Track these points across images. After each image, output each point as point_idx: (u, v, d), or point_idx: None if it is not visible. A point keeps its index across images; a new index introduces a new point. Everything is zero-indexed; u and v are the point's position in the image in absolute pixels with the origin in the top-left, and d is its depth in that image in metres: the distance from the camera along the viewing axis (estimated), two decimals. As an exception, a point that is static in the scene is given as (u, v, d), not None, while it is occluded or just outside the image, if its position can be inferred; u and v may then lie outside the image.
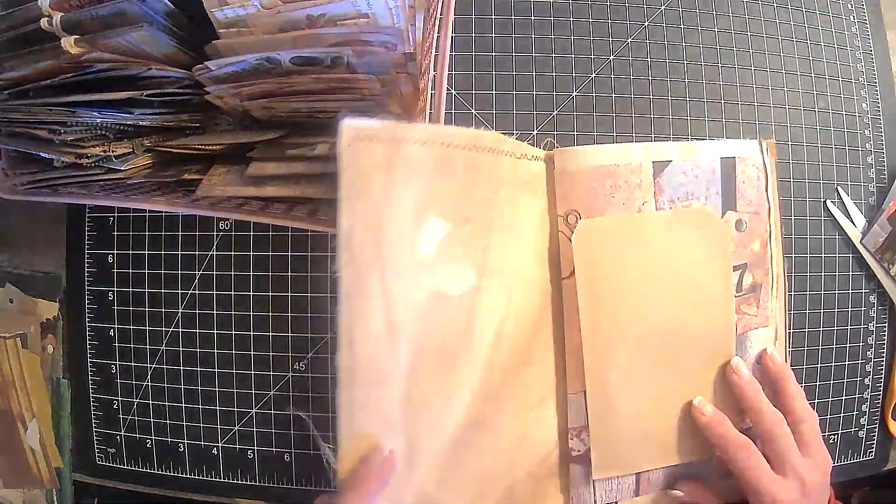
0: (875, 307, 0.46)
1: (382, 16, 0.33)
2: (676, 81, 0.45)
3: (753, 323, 0.41)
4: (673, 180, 0.40)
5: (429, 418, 0.35)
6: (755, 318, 0.41)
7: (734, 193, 0.41)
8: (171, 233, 0.44)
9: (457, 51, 0.43)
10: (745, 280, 0.41)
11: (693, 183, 0.40)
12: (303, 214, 0.37)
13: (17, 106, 0.34)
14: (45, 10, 0.33)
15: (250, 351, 0.43)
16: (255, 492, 0.44)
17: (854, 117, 0.47)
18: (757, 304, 0.41)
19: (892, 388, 0.46)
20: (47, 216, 0.46)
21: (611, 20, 0.45)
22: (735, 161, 0.41)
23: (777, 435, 0.35)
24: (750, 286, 0.41)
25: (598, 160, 0.39)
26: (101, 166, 0.36)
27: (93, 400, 0.45)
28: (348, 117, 0.32)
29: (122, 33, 0.31)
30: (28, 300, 0.46)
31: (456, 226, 0.35)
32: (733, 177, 0.41)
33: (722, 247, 0.39)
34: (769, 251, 0.41)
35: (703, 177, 0.40)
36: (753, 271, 0.41)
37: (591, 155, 0.39)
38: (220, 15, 0.33)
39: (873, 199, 0.47)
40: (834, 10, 0.48)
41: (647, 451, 0.38)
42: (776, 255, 0.41)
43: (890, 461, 0.47)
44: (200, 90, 0.36)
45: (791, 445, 0.35)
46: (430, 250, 0.34)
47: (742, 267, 0.41)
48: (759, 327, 0.41)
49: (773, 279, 0.41)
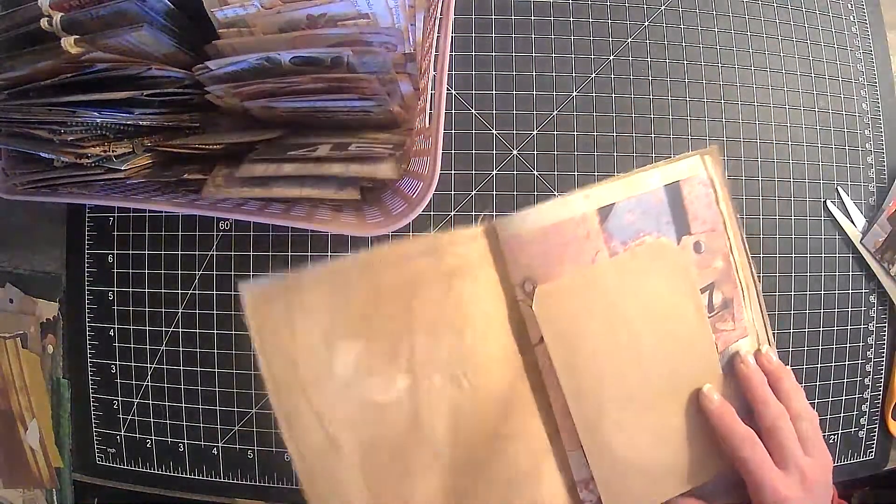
0: (875, 307, 0.46)
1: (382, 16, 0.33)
2: (676, 81, 0.45)
3: (733, 337, 0.41)
4: (620, 222, 0.39)
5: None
6: (733, 332, 0.41)
7: (686, 217, 0.40)
8: (171, 233, 0.44)
9: (457, 51, 0.43)
10: (714, 299, 0.40)
11: (641, 219, 0.39)
12: (302, 214, 0.37)
13: (17, 106, 0.34)
14: (45, 10, 0.33)
15: (250, 351, 0.43)
16: (255, 492, 0.44)
17: (854, 117, 0.47)
18: (732, 318, 0.41)
19: (892, 388, 0.46)
20: (47, 216, 0.46)
21: (611, 20, 0.45)
22: (679, 185, 0.40)
23: (780, 428, 0.35)
24: (721, 303, 0.41)
25: (540, 221, 0.39)
26: (101, 166, 0.36)
27: (93, 400, 0.45)
28: (242, 283, 0.35)
29: (122, 33, 0.31)
30: (28, 300, 0.46)
31: (369, 340, 0.37)
32: (681, 201, 0.40)
33: (683, 273, 0.39)
34: (733, 264, 0.41)
35: (651, 210, 0.40)
36: (721, 288, 0.41)
37: (531, 218, 0.39)
38: (220, 15, 0.33)
39: (873, 199, 0.47)
40: (834, 10, 0.48)
41: (657, 486, 0.39)
42: (741, 264, 0.41)
43: (890, 461, 0.47)
44: (200, 90, 0.36)
45: (794, 440, 0.35)
46: (348, 369, 0.36)
47: (709, 287, 0.40)
48: (739, 339, 0.41)
49: (742, 290, 0.41)
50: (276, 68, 0.34)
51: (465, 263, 0.38)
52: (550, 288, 0.38)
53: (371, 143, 0.37)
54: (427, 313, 0.37)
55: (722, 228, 0.41)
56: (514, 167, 0.43)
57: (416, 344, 0.37)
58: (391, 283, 0.37)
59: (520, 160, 0.43)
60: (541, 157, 0.43)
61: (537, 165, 0.43)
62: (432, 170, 0.34)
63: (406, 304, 0.37)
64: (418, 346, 0.37)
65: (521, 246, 0.39)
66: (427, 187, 0.34)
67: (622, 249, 0.39)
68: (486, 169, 0.43)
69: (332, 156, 0.35)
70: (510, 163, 0.43)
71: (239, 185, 0.36)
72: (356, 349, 0.37)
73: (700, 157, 0.41)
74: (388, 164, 0.36)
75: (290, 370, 0.36)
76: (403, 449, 0.37)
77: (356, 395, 0.37)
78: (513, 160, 0.43)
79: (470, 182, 0.43)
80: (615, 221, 0.39)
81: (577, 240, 0.39)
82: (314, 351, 0.36)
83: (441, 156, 0.34)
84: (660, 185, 0.40)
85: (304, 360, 0.36)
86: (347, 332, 0.37)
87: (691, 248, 0.40)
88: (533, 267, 0.39)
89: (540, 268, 0.39)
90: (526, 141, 0.43)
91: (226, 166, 0.37)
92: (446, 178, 0.42)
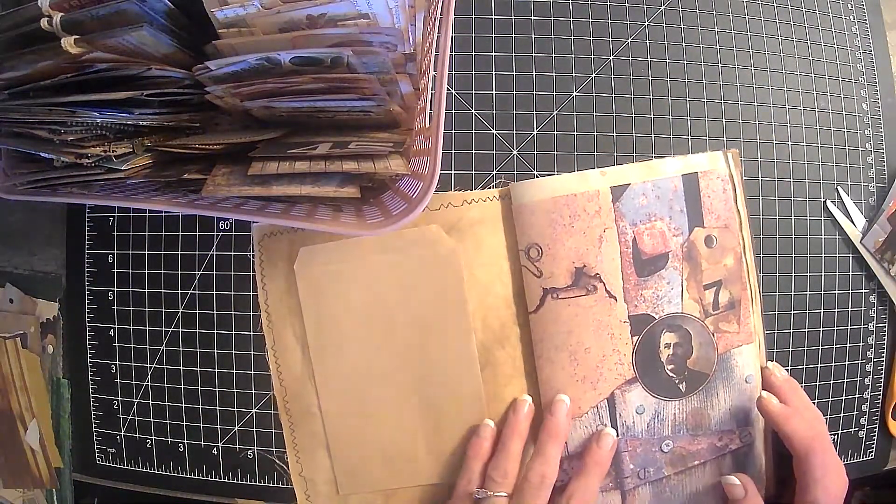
0: (875, 307, 0.46)
1: (382, 16, 0.33)
2: (676, 81, 0.45)
3: (736, 340, 0.41)
4: (633, 203, 0.40)
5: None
6: (737, 336, 0.41)
7: (700, 209, 0.40)
8: (171, 233, 0.44)
9: (457, 51, 0.43)
10: (720, 297, 0.40)
11: (655, 204, 0.40)
12: (302, 214, 0.37)
13: (17, 106, 0.34)
14: (45, 10, 0.33)
15: (250, 351, 0.43)
16: (255, 492, 0.44)
17: (854, 117, 0.47)
18: (737, 320, 0.41)
19: (892, 388, 0.46)
20: (47, 216, 0.46)
21: (611, 20, 0.45)
22: (698, 176, 0.40)
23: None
24: (727, 303, 0.40)
25: (555, 191, 0.39)
26: (101, 166, 0.36)
27: (93, 400, 0.45)
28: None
29: (122, 33, 0.31)
30: (28, 300, 0.46)
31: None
32: (697, 192, 0.40)
33: (452, 267, 0.40)
34: (744, 265, 0.41)
35: (665, 196, 0.40)
36: (729, 287, 0.41)
37: (547, 186, 0.39)
38: (220, 15, 0.33)
39: (873, 199, 0.47)
40: (834, 10, 0.48)
41: (390, 473, 0.41)
42: (752, 267, 0.41)
43: (890, 461, 0.47)
44: (200, 90, 0.36)
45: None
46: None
47: (716, 284, 0.40)
48: (742, 344, 0.41)
49: (752, 293, 0.41)
50: (276, 68, 0.34)
51: (480, 220, 0.40)
52: (314, 248, 0.41)
53: (371, 143, 0.37)
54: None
55: (737, 227, 0.41)
56: (514, 167, 0.43)
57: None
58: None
59: (520, 160, 0.43)
60: (541, 157, 0.43)
61: (537, 165, 0.43)
62: (432, 170, 0.34)
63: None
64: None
65: (532, 213, 0.39)
66: (427, 187, 0.34)
67: (631, 231, 0.39)
68: (486, 169, 0.43)
69: (341, 153, 0.35)
70: (510, 163, 0.43)
71: (239, 183, 0.36)
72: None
73: (723, 153, 0.41)
74: (397, 160, 0.36)
75: (283, 305, 0.41)
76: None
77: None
78: (513, 160, 0.43)
79: (470, 182, 0.43)
80: (628, 202, 0.39)
81: (588, 214, 0.39)
82: (307, 290, 0.40)
83: (441, 156, 0.34)
84: (677, 174, 0.40)
85: (294, 296, 0.40)
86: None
87: (703, 241, 0.40)
88: (541, 234, 0.39)
89: (547, 235, 0.39)
90: (526, 141, 0.43)
91: (226, 166, 0.37)
92: (446, 178, 0.42)
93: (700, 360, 0.40)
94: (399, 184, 0.40)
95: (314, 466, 0.42)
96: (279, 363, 0.42)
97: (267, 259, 0.41)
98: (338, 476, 0.42)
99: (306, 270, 0.40)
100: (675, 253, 0.40)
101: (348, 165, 0.36)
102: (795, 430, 0.37)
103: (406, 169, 0.36)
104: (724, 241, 0.40)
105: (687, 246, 0.40)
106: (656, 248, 0.40)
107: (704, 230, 0.40)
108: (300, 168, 0.35)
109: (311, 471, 0.42)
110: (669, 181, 0.40)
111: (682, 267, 0.40)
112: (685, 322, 0.40)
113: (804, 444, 0.36)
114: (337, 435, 0.41)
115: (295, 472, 0.43)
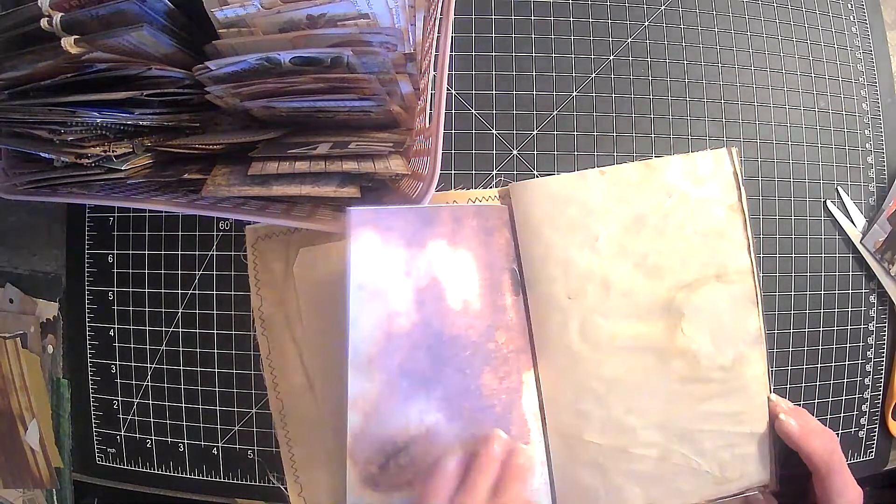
0: (875, 307, 0.46)
1: (382, 16, 0.33)
2: (676, 81, 0.45)
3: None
4: None
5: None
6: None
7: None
8: (171, 233, 0.44)
9: (457, 51, 0.43)
10: None
11: None
12: (302, 214, 0.37)
13: (17, 106, 0.34)
14: (45, 10, 0.33)
15: (250, 351, 0.43)
16: (255, 492, 0.44)
17: (854, 117, 0.47)
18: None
19: (892, 388, 0.46)
20: (47, 216, 0.46)
21: (611, 20, 0.45)
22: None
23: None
24: None
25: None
26: (101, 166, 0.36)
27: (93, 400, 0.45)
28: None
29: (121, 33, 0.31)
30: (28, 300, 0.46)
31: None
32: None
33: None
34: (751, 265, 0.40)
35: None
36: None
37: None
38: (220, 15, 0.33)
39: (873, 199, 0.47)
40: (834, 10, 0.48)
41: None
42: (753, 267, 0.40)
43: (890, 461, 0.47)
44: (200, 90, 0.36)
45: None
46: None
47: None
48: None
49: (758, 297, 0.40)
50: (276, 68, 0.34)
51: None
52: (314, 249, 0.40)
53: (371, 143, 0.37)
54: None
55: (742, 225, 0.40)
56: (514, 167, 0.43)
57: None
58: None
59: (520, 160, 0.43)
60: (541, 157, 0.43)
61: (537, 165, 0.43)
62: (432, 170, 0.34)
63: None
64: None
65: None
66: (427, 187, 0.34)
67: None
68: (486, 169, 0.43)
69: (341, 153, 0.35)
70: (510, 163, 0.43)
71: (239, 183, 0.36)
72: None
73: (727, 150, 0.41)
74: (397, 160, 0.36)
75: (279, 312, 0.40)
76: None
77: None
78: (513, 160, 0.43)
79: (470, 182, 0.43)
80: None
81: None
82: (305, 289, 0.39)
83: (441, 156, 0.34)
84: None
85: (290, 300, 0.39)
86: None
87: None
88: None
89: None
90: (526, 141, 0.43)
91: (226, 166, 0.37)
92: (446, 178, 0.42)
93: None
94: (399, 184, 0.40)
95: (315, 487, 0.40)
96: (275, 373, 0.40)
97: (261, 262, 0.40)
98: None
99: (306, 273, 0.40)
100: None
101: (348, 165, 0.35)
102: (816, 449, 0.37)
103: (406, 169, 0.36)
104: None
105: None
106: None
107: None
108: (300, 168, 0.35)
109: (311, 492, 0.40)
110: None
111: None
112: None
113: (825, 462, 0.37)
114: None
115: (293, 493, 0.41)
